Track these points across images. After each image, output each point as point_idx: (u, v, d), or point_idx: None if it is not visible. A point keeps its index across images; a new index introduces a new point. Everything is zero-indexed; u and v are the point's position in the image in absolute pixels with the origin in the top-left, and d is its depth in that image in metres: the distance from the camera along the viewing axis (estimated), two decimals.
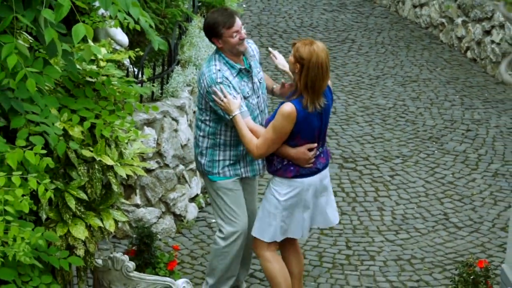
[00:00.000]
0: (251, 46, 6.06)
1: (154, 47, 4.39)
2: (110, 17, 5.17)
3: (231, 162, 5.95)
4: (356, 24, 12.50)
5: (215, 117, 5.82)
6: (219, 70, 5.78)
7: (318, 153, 5.78)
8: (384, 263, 6.94)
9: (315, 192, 5.83)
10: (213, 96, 5.71)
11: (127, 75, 6.16)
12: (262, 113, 6.01)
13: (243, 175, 6.03)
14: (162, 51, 6.70)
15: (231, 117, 5.65)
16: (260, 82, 6.02)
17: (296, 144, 5.67)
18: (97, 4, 4.73)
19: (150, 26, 4.20)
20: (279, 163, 5.74)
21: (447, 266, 6.87)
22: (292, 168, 5.72)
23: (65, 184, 4.60)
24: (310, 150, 5.69)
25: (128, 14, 4.06)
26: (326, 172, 5.92)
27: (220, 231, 6.04)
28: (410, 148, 8.83)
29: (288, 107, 5.54)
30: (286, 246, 6.07)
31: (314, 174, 5.80)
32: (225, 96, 5.65)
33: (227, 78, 5.76)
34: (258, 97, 5.98)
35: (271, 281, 5.98)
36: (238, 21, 5.79)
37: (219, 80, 5.74)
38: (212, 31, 5.80)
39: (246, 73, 5.91)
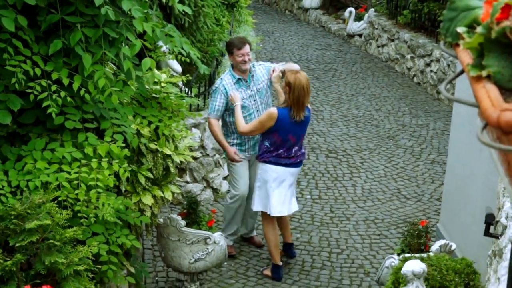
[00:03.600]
0: (259, 68, 5.89)
1: (200, 72, 4.39)
2: (169, 53, 5.17)
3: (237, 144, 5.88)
4: (337, 58, 12.44)
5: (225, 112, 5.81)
6: (221, 79, 5.75)
7: (298, 152, 5.62)
8: (356, 222, 6.91)
9: (288, 180, 5.62)
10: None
11: (180, 93, 6.17)
12: (258, 112, 5.82)
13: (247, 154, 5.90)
14: (204, 75, 6.71)
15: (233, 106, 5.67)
16: (258, 91, 5.84)
17: (273, 137, 5.54)
18: (159, 43, 4.72)
19: (198, 57, 4.20)
20: (264, 152, 5.61)
21: (400, 225, 6.83)
22: (272, 158, 5.57)
23: (138, 167, 4.59)
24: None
25: (182, 49, 4.07)
26: (299, 169, 5.74)
27: (229, 191, 6.08)
28: (374, 143, 8.78)
29: (273, 109, 5.48)
30: (279, 220, 5.89)
31: (291, 166, 5.62)
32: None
33: (224, 87, 5.70)
34: (254, 100, 5.82)
35: (265, 236, 5.89)
36: (247, 48, 5.69)
37: (215, 86, 5.78)
38: (228, 48, 5.81)
39: (244, 83, 5.77)
